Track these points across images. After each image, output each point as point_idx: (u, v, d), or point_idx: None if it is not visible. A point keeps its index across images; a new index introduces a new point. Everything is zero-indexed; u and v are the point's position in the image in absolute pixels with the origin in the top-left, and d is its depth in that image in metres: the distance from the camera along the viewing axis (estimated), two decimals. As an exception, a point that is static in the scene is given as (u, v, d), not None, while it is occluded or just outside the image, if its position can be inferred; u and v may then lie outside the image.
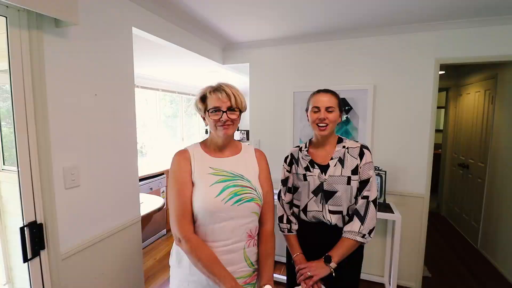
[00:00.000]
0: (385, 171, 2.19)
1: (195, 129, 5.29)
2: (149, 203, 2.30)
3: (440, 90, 4.48)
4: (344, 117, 2.42)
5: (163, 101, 4.30)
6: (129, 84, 1.63)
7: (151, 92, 3.88)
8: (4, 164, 2.25)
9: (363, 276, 2.49)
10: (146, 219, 2.12)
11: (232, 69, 3.09)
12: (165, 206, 3.00)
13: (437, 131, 5.18)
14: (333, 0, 1.71)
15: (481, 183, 3.10)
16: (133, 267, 1.70)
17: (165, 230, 3.46)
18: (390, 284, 2.20)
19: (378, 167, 2.23)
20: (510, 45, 1.99)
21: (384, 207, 2.16)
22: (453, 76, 3.95)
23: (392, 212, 2.08)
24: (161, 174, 3.33)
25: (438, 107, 5.10)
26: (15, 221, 2.26)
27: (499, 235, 2.72)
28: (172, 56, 2.69)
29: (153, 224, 3.17)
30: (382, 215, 2.08)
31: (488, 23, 2.00)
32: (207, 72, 3.59)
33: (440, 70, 3.87)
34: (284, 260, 1.43)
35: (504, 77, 2.78)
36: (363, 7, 1.83)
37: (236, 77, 3.63)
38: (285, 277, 1.40)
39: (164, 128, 4.34)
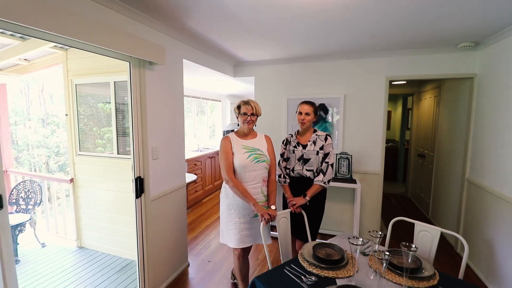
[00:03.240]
0: (351, 155, 3.11)
1: (200, 129, 6.17)
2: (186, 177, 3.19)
3: (408, 95, 5.52)
4: (326, 117, 3.34)
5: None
6: (180, 96, 2.53)
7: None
8: (80, 150, 3.14)
9: (337, 233, 3.41)
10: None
11: (240, 80, 3.99)
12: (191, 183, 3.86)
13: (407, 129, 6.18)
14: (311, 39, 2.62)
15: (431, 168, 4.06)
16: (181, 214, 2.61)
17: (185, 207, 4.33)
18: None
19: (347, 152, 3.16)
20: (437, 67, 2.92)
21: (351, 181, 3.08)
22: (416, 85, 4.90)
23: (356, 183, 3.01)
24: (183, 162, 4.20)
25: (409, 109, 6.09)
26: (86, 193, 3.15)
27: (441, 206, 3.67)
28: (196, 70, 3.57)
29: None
30: (349, 185, 3.01)
31: (423, 52, 2.92)
32: (215, 80, 4.49)
33: (403, 80, 4.81)
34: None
35: (445, 87, 3.73)
36: (335, 43, 2.75)
37: (236, 83, 4.53)
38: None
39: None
